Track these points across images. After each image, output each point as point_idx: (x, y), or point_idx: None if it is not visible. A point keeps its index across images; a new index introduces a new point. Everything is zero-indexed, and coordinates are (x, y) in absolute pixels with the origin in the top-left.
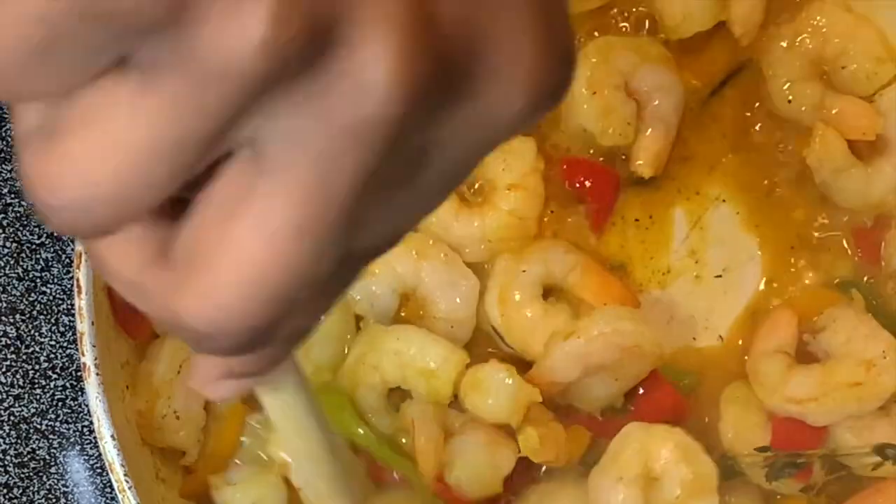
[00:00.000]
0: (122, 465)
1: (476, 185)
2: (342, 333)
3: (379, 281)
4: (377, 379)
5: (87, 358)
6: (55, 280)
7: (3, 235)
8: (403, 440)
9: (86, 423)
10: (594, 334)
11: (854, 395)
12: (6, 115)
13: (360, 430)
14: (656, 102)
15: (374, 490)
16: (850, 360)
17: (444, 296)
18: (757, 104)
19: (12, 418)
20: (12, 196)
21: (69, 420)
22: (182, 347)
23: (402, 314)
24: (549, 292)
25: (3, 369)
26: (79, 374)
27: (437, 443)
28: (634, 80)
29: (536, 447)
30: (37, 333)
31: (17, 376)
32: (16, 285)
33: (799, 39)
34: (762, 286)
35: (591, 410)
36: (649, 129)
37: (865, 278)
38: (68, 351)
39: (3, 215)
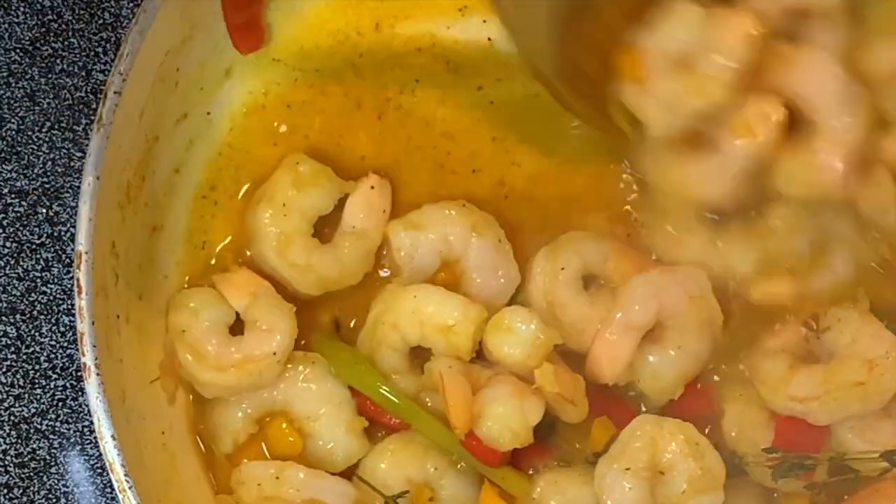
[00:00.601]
0: (123, 466)
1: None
2: (356, 265)
3: (427, 240)
4: (397, 338)
5: (88, 358)
6: (55, 280)
7: (3, 235)
8: (428, 400)
9: (86, 423)
10: (664, 274)
11: (857, 395)
12: (6, 116)
13: (382, 389)
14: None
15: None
16: (853, 360)
17: (482, 276)
18: None
19: (13, 418)
20: (13, 196)
21: (69, 420)
22: None
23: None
24: (589, 280)
25: (4, 369)
26: (79, 374)
27: (467, 396)
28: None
29: (551, 379)
30: (37, 333)
31: (18, 376)
32: (16, 285)
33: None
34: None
35: (638, 401)
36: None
37: None
38: (68, 351)
39: (3, 215)
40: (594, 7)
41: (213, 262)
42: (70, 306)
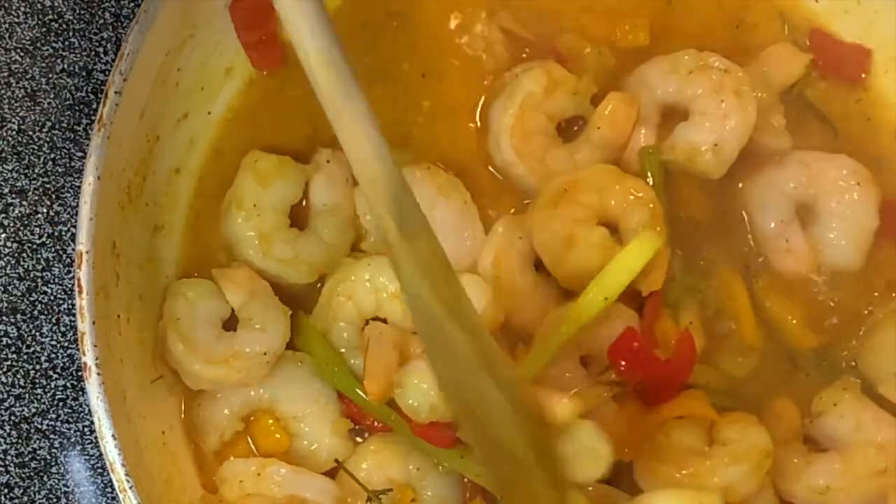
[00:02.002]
0: (123, 465)
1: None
2: (340, 240)
3: None
4: (352, 310)
5: (88, 358)
6: (56, 280)
7: (4, 235)
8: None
9: (87, 422)
10: None
11: (880, 483)
12: (6, 116)
13: (358, 390)
14: None
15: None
16: (867, 448)
17: (447, 238)
18: None
19: (13, 418)
20: (13, 196)
21: (70, 420)
22: None
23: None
24: (541, 265)
25: (4, 369)
26: (80, 374)
27: (388, 363)
28: None
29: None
30: (38, 333)
31: (18, 376)
32: (17, 285)
33: None
34: None
35: None
36: None
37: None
38: (69, 351)
39: (4, 215)
40: None
41: (213, 261)
42: (71, 306)
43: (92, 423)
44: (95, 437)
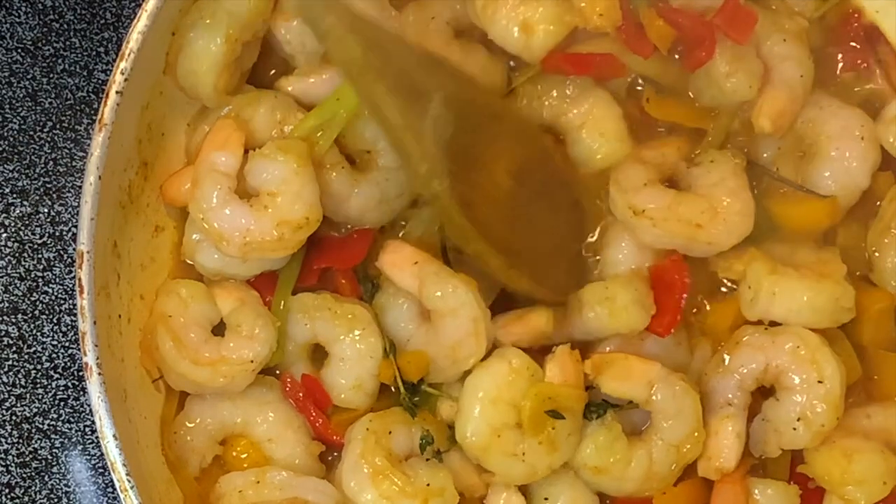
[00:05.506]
0: (124, 465)
1: None
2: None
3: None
4: None
5: (89, 358)
6: (57, 280)
7: (5, 235)
8: None
9: (88, 422)
10: None
11: (688, 234)
12: (8, 115)
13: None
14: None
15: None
16: (703, 202)
17: None
18: None
19: (14, 418)
20: (14, 196)
21: (71, 420)
22: None
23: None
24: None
25: (5, 369)
26: (81, 373)
27: None
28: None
29: None
30: (39, 333)
31: (19, 376)
32: (18, 285)
33: None
34: None
35: None
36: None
37: None
38: (70, 351)
39: (5, 215)
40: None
41: None
42: (72, 306)
43: (93, 422)
44: (96, 437)
